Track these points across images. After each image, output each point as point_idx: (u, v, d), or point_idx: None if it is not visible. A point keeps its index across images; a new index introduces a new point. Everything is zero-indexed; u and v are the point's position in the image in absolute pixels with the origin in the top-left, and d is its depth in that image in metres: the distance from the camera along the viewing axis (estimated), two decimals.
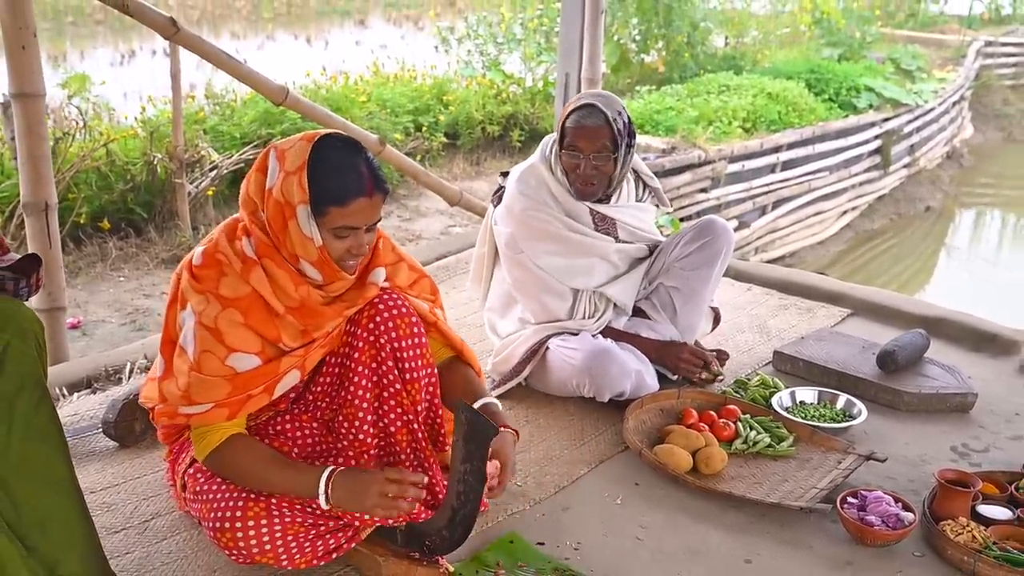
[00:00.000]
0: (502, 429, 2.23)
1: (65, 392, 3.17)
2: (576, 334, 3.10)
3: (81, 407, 3.05)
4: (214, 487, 2.14)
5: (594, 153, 2.97)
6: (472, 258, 3.46)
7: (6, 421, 1.91)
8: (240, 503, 2.08)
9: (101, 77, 6.95)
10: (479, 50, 10.77)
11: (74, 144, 5.89)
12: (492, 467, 2.16)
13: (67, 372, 3.30)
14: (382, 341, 2.21)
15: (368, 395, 2.22)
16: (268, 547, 2.08)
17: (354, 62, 10.33)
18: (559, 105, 5.22)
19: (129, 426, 2.82)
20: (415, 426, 2.25)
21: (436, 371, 2.32)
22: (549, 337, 3.11)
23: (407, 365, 2.23)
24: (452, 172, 8.15)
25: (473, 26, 11.04)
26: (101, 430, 2.84)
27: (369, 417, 2.22)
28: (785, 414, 2.97)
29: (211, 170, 6.34)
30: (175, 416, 2.17)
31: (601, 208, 3.11)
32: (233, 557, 2.11)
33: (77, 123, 5.94)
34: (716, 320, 3.44)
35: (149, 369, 3.32)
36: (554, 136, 3.14)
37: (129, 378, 3.30)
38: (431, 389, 2.30)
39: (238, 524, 2.06)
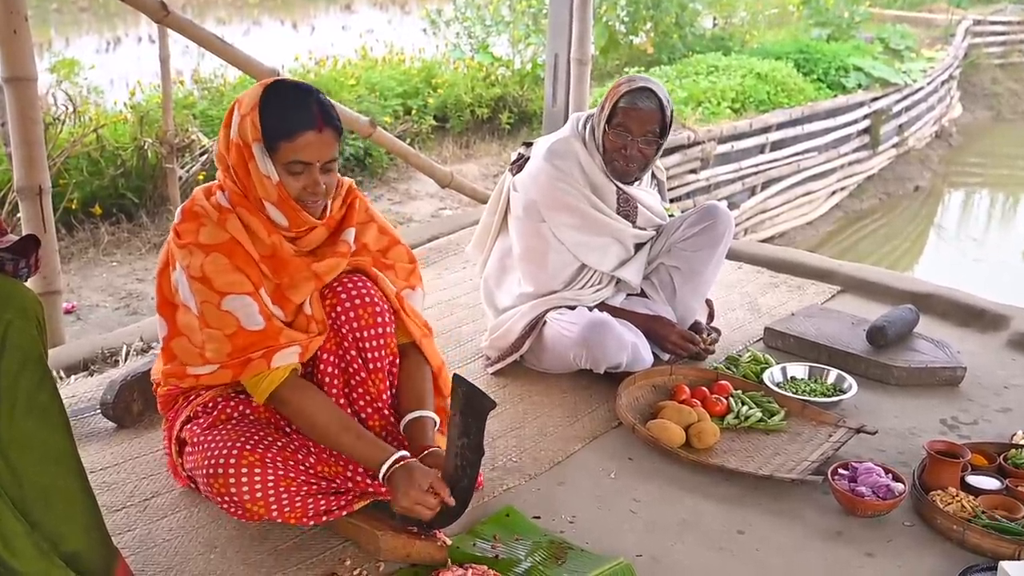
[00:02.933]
0: (425, 467, 2.18)
1: (62, 375, 3.19)
2: (573, 308, 3.12)
3: (79, 389, 3.07)
4: (209, 436, 2.19)
5: (642, 136, 3.02)
6: (479, 225, 3.45)
7: (9, 399, 1.93)
8: (235, 451, 2.13)
9: (87, 63, 6.92)
10: (467, 33, 10.76)
11: (64, 130, 5.88)
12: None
13: (64, 355, 3.32)
14: (344, 331, 2.26)
15: (337, 381, 2.28)
16: (259, 495, 2.13)
17: (341, 47, 10.30)
18: (548, 86, 5.23)
19: (127, 406, 2.84)
20: (385, 411, 2.31)
21: (398, 359, 2.36)
22: (547, 311, 3.14)
23: (370, 355, 2.28)
24: (442, 155, 8.15)
25: (461, 9, 11.02)
26: (99, 411, 2.86)
27: (341, 400, 2.28)
28: (776, 389, 3.01)
29: (201, 155, 6.33)
30: (184, 377, 2.22)
31: (628, 189, 3.15)
32: (225, 507, 2.16)
33: (67, 108, 5.92)
34: (711, 315, 3.47)
35: (146, 351, 3.37)
36: (586, 113, 3.19)
37: (126, 360, 3.32)
38: (392, 378, 2.35)
39: (231, 471, 2.11)
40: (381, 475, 2.12)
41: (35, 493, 1.95)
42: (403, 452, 2.15)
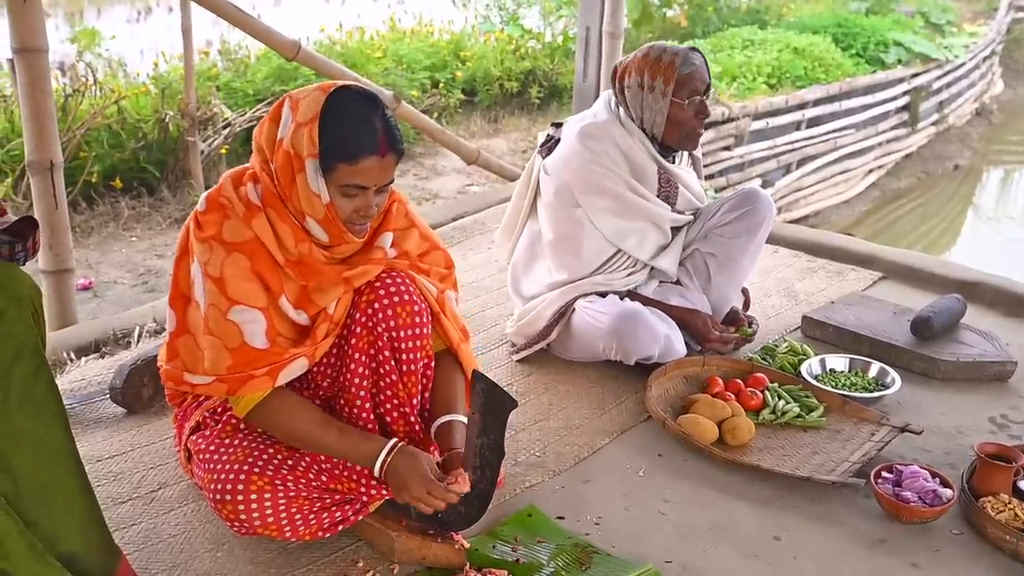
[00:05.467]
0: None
1: (72, 356, 3.10)
2: (603, 296, 2.99)
3: (88, 372, 2.98)
4: (216, 457, 2.07)
5: (706, 93, 2.94)
6: (507, 210, 3.30)
7: (2, 391, 1.83)
8: (243, 476, 2.01)
9: (116, 33, 6.81)
10: (497, 4, 10.56)
11: (84, 101, 5.78)
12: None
13: (74, 336, 3.23)
14: (379, 330, 2.10)
15: (365, 383, 2.13)
16: (271, 519, 2.01)
17: (370, 17, 10.14)
18: (579, 60, 5.06)
19: (137, 392, 2.75)
20: (412, 418, 2.17)
21: (433, 362, 2.21)
22: (576, 299, 3.00)
23: (404, 356, 2.12)
24: (469, 130, 8.00)
25: None
26: (108, 396, 2.77)
27: (367, 404, 2.13)
28: (815, 383, 2.86)
29: (224, 128, 6.22)
30: (180, 383, 2.10)
31: (669, 167, 3.02)
32: (234, 528, 2.04)
33: (86, 80, 5.82)
34: (746, 303, 3.32)
35: (159, 333, 3.27)
36: (612, 98, 3.04)
37: (138, 342, 3.22)
38: (426, 381, 2.20)
39: (239, 497, 1.99)
40: (377, 469, 2.00)
41: (31, 490, 1.85)
42: (395, 440, 2.02)
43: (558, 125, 3.16)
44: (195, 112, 5.90)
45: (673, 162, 3.07)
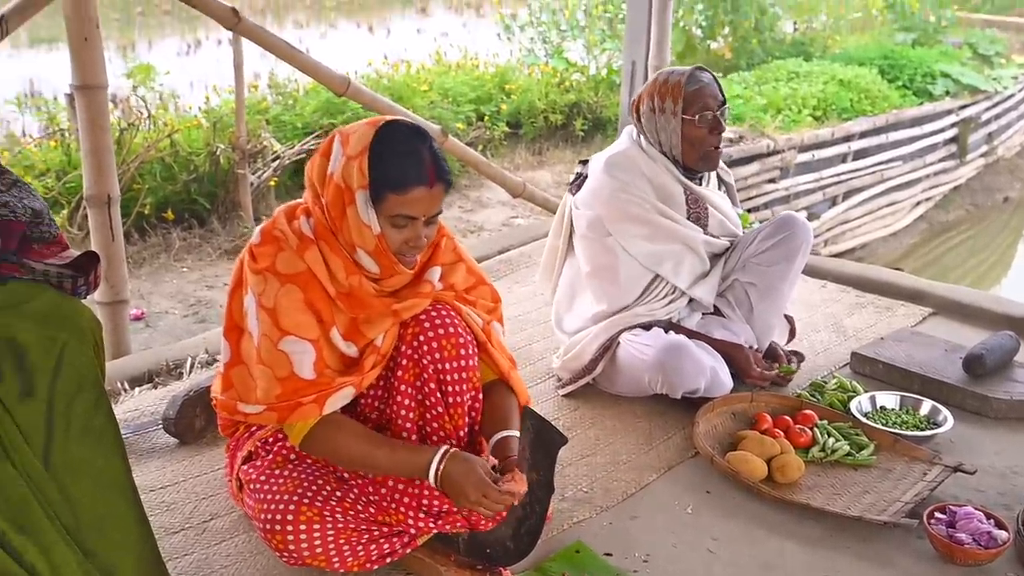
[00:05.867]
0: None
1: (126, 386, 3.15)
2: (648, 328, 2.99)
3: (142, 402, 3.03)
4: (267, 487, 2.09)
5: (719, 109, 2.94)
6: (544, 251, 3.33)
7: (63, 422, 1.87)
8: (292, 506, 2.03)
9: (168, 67, 6.96)
10: (542, 38, 10.64)
11: (139, 135, 5.91)
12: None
13: (128, 366, 3.28)
14: (424, 362, 2.12)
15: (412, 415, 2.14)
16: (319, 550, 2.03)
17: (416, 50, 10.28)
18: (624, 94, 5.09)
19: (189, 423, 2.79)
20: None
21: (481, 394, 2.22)
22: (620, 332, 3.01)
23: (450, 389, 2.14)
24: (514, 162, 8.05)
25: (536, 13, 10.91)
26: (161, 427, 2.81)
27: (413, 436, 2.15)
28: (865, 420, 2.83)
29: (273, 160, 6.32)
30: (234, 412, 2.14)
31: (696, 189, 3.04)
32: (283, 558, 2.06)
33: (141, 114, 5.95)
34: (792, 332, 3.31)
35: (210, 364, 3.32)
36: (633, 129, 3.08)
37: (190, 373, 3.27)
38: (474, 414, 2.20)
39: (289, 527, 2.01)
40: (431, 477, 2.00)
41: (90, 521, 1.89)
42: (446, 446, 2.02)
43: (585, 162, 3.20)
44: (246, 145, 6.00)
45: (700, 184, 3.09)
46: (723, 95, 2.97)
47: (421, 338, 2.12)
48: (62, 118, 6.33)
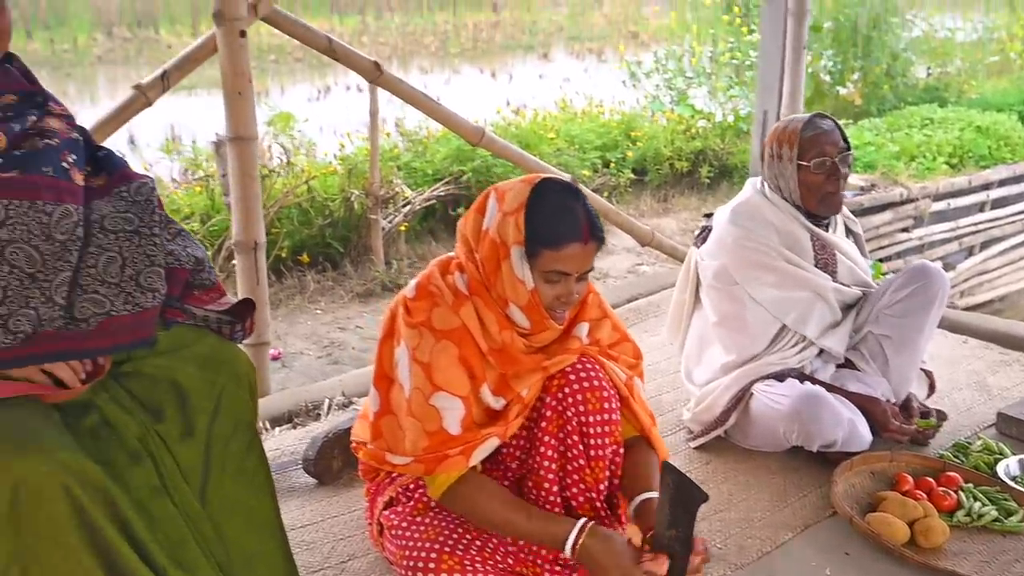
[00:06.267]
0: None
1: (267, 426, 3.27)
2: (780, 379, 2.94)
3: (283, 442, 3.13)
4: (409, 533, 2.13)
5: (840, 155, 2.91)
6: (670, 303, 3.35)
7: (219, 463, 1.96)
8: (434, 554, 2.05)
9: (299, 112, 7.22)
10: (667, 84, 10.65)
11: (278, 180, 6.15)
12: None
13: (270, 406, 3.40)
14: (568, 414, 2.14)
15: (554, 465, 2.16)
16: None
17: (539, 96, 10.41)
18: (755, 143, 5.06)
19: (328, 464, 2.87)
20: (597, 503, 2.18)
21: (622, 448, 2.22)
22: (752, 383, 2.97)
23: (593, 442, 2.15)
24: (639, 209, 8.06)
25: (662, 60, 10.94)
26: (301, 466, 2.90)
27: (554, 487, 2.16)
28: (1014, 484, 2.72)
29: (404, 206, 6.49)
30: (382, 463, 2.17)
31: (823, 235, 3.01)
32: None
33: (281, 161, 6.19)
34: (931, 387, 3.21)
35: (347, 406, 3.41)
36: (758, 177, 3.07)
37: (327, 414, 3.37)
38: (614, 468, 2.21)
39: (431, 575, 2.03)
40: (568, 551, 2.00)
41: (240, 559, 1.96)
42: (584, 520, 2.03)
43: (710, 215, 3.20)
44: (379, 191, 6.18)
45: (827, 230, 3.05)
46: (846, 141, 2.94)
47: (566, 390, 2.15)
48: (204, 163, 6.62)
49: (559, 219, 2.02)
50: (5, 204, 1.81)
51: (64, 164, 1.94)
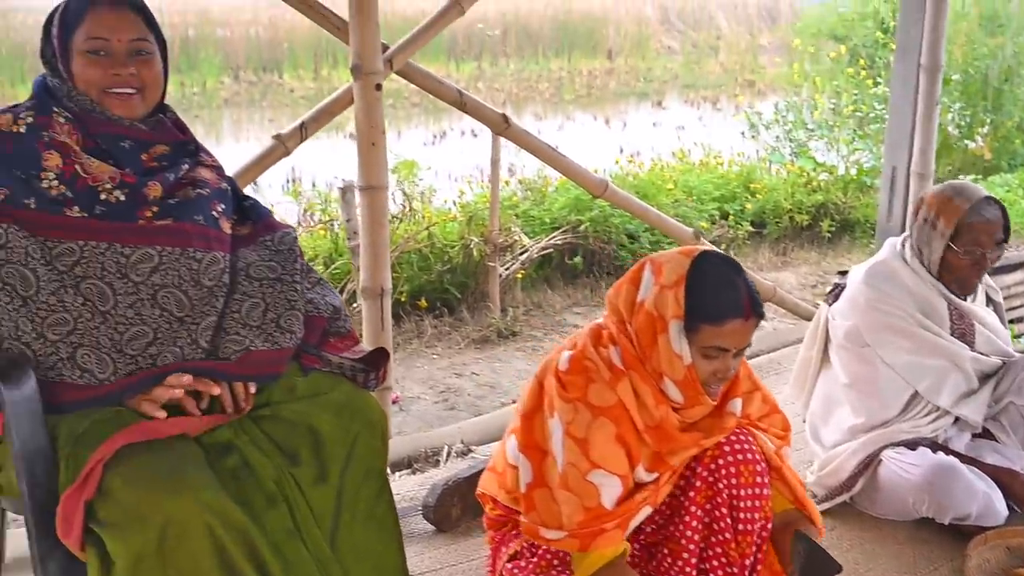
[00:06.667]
0: None
1: (388, 471, 3.31)
2: (912, 447, 2.85)
3: (403, 488, 3.18)
4: None
5: (994, 249, 2.84)
6: (796, 360, 3.29)
7: (350, 509, 2.01)
8: None
9: (415, 155, 7.36)
10: (788, 137, 10.52)
11: (400, 226, 6.29)
12: None
13: (390, 451, 3.43)
14: (720, 486, 2.11)
15: (696, 536, 2.13)
16: None
17: (653, 144, 10.41)
18: (883, 200, 4.94)
19: (447, 512, 2.90)
20: None
21: (770, 523, 2.18)
22: (882, 449, 2.89)
23: (742, 516, 2.11)
24: (757, 262, 7.94)
25: (782, 111, 10.82)
26: (421, 513, 2.94)
27: (693, 560, 2.13)
28: None
29: (521, 254, 6.54)
30: (536, 537, 2.11)
31: (961, 305, 2.93)
32: None
33: (404, 208, 6.33)
34: None
35: (465, 454, 3.45)
36: (901, 236, 3.02)
37: (446, 461, 3.41)
38: (760, 542, 2.16)
39: None
40: None
41: None
42: None
43: (844, 273, 3.15)
44: (498, 239, 6.25)
45: (965, 299, 2.96)
46: (1007, 233, 2.85)
47: (720, 461, 2.12)
48: (328, 208, 6.81)
49: (721, 294, 2.00)
50: (159, 250, 1.92)
51: (214, 213, 2.05)
